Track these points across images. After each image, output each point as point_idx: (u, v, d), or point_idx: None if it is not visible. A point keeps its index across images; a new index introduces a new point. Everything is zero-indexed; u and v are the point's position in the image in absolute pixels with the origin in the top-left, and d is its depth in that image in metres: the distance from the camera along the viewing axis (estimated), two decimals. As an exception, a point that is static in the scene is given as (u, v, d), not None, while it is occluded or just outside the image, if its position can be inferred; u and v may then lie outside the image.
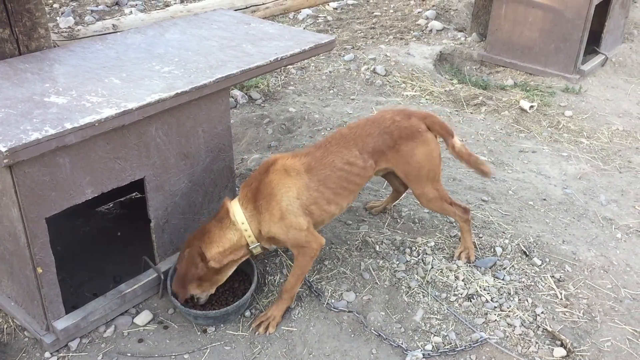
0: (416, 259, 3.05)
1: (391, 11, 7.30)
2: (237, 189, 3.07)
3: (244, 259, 2.68)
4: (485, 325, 2.71)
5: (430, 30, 6.56)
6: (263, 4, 4.61)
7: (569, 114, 4.87)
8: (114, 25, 3.70)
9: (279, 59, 2.88)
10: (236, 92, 4.90)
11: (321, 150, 2.72)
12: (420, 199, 2.96)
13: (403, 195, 3.42)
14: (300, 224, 2.59)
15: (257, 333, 2.66)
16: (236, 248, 2.59)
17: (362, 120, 2.88)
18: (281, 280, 2.92)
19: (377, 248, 3.13)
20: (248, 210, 2.58)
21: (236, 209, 2.58)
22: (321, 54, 5.73)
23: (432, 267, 3.00)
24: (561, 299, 2.88)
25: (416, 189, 2.93)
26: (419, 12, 7.12)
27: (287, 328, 2.69)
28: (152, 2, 7.58)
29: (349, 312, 2.75)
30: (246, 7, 4.45)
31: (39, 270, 2.36)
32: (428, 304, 2.81)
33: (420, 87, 5.22)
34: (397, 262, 3.02)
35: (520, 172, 4.02)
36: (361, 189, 2.91)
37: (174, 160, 2.69)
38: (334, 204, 2.72)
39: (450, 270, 2.98)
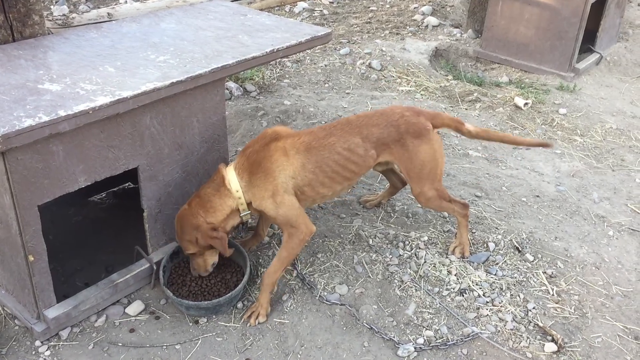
0: (409, 253, 3.05)
1: (387, 6, 7.29)
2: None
3: (238, 225, 2.73)
4: (477, 320, 2.72)
5: (426, 26, 6.55)
6: (259, -5, 4.59)
7: (563, 111, 4.88)
8: (109, 13, 3.68)
9: (275, 50, 2.87)
10: (231, 84, 4.88)
11: (324, 132, 2.73)
12: (418, 198, 2.96)
13: (399, 191, 3.41)
14: (292, 202, 2.63)
15: (248, 325, 2.66)
16: (234, 214, 2.64)
17: (371, 111, 2.90)
18: (274, 273, 2.92)
19: (371, 242, 3.13)
20: (244, 179, 2.61)
21: (232, 177, 2.61)
22: (317, 48, 5.72)
23: (425, 262, 3.00)
24: (553, 294, 2.89)
25: (415, 188, 2.92)
26: (415, 8, 7.11)
27: (279, 320, 2.69)
28: (148, -8, 7.52)
29: (342, 305, 2.75)
30: (242, -1, 4.43)
31: (31, 258, 2.35)
32: (420, 298, 2.81)
33: (416, 83, 5.22)
34: (390, 256, 3.03)
35: (514, 168, 4.02)
36: (358, 179, 2.90)
37: (168, 150, 2.68)
38: (327, 187, 2.74)
39: (443, 265, 2.99)
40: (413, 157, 2.83)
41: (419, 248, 3.09)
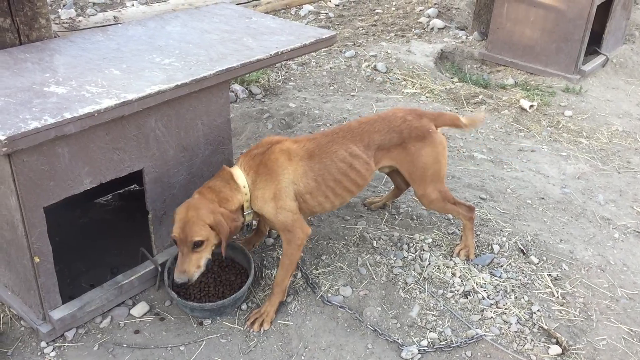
0: (413, 255, 3.05)
1: (393, 8, 7.29)
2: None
3: (242, 227, 2.69)
4: (481, 322, 2.71)
5: (432, 29, 6.56)
6: (265, -2, 4.61)
7: (568, 113, 4.87)
8: (115, 17, 3.70)
9: (279, 52, 2.88)
10: (236, 87, 4.90)
11: (327, 139, 2.73)
12: (422, 199, 2.96)
13: (403, 192, 3.42)
14: (291, 207, 2.62)
15: (251, 330, 2.65)
16: (240, 211, 2.62)
17: (373, 116, 2.88)
18: (278, 274, 2.92)
19: (375, 244, 3.13)
20: (250, 177, 2.61)
21: (239, 174, 2.61)
22: (322, 50, 5.74)
23: (429, 264, 3.00)
24: (557, 297, 2.88)
25: (419, 190, 2.93)
26: (420, 10, 7.12)
27: (283, 322, 2.70)
28: (154, -5, 7.56)
29: (341, 307, 2.75)
30: (247, 2, 4.44)
31: (36, 259, 2.36)
32: (424, 300, 2.81)
33: (421, 85, 5.22)
34: (394, 258, 3.03)
35: (519, 170, 4.02)
36: (358, 192, 2.89)
37: (173, 152, 2.69)
38: (328, 198, 2.73)
39: (447, 267, 2.99)
40: (415, 160, 2.83)
41: (423, 250, 3.09)
